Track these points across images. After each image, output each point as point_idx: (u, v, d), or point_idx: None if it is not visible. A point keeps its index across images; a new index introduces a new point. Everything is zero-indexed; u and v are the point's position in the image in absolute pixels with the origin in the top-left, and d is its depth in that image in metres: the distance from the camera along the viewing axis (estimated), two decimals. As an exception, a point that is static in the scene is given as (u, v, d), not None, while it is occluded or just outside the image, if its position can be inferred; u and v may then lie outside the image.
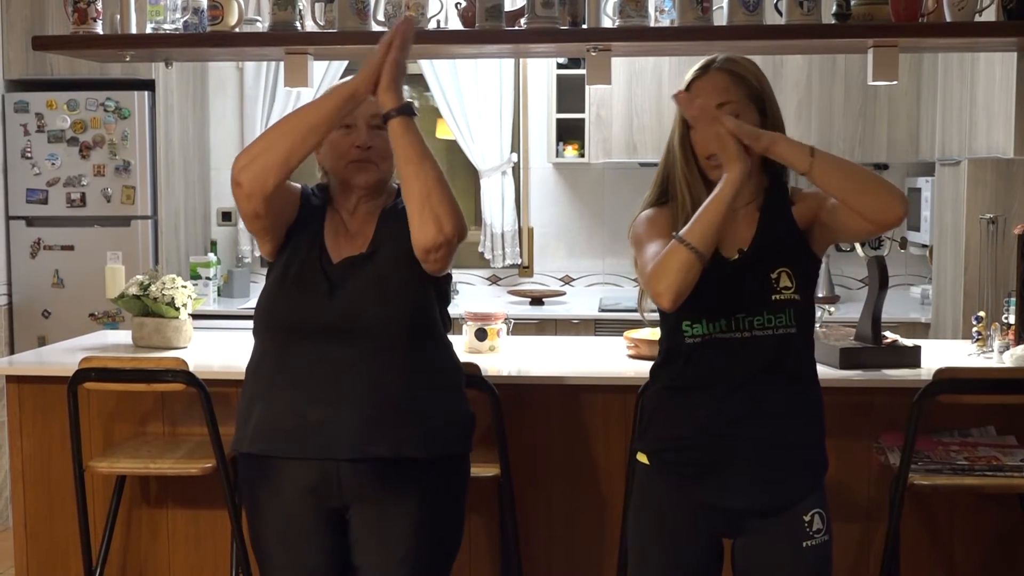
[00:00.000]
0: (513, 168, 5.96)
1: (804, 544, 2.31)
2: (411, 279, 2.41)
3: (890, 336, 3.46)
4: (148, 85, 5.37)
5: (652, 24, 3.13)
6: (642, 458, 2.43)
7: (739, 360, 2.30)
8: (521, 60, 5.80)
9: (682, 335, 2.34)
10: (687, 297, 2.25)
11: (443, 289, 2.52)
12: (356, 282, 2.40)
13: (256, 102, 5.98)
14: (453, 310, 5.29)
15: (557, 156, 5.79)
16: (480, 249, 6.01)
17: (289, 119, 2.35)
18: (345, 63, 5.65)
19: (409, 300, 2.41)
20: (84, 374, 3.19)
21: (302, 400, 2.38)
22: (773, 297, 2.29)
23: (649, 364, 2.51)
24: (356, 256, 2.44)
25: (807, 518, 2.31)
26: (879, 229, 2.26)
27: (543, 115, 5.88)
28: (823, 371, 3.23)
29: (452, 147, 6.05)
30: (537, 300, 5.72)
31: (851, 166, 2.25)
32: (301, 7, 3.21)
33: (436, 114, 5.99)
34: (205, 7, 3.23)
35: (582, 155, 5.69)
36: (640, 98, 5.43)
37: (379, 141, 2.46)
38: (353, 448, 2.36)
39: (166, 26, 3.22)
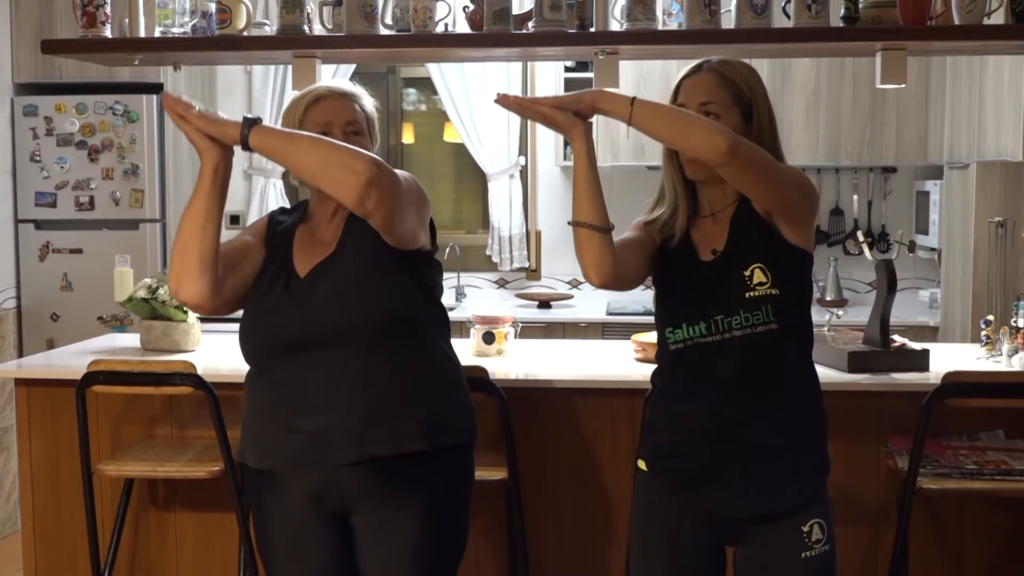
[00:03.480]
0: (521, 171, 5.97)
1: (803, 555, 2.28)
2: (381, 274, 2.39)
3: (898, 340, 3.46)
4: (156, 88, 5.38)
5: (660, 27, 3.12)
6: (642, 464, 2.42)
7: (723, 363, 2.28)
8: (529, 63, 5.80)
9: (666, 342, 2.35)
10: (667, 303, 2.35)
11: (425, 280, 2.47)
12: (324, 287, 2.39)
13: (264, 105, 5.99)
14: (460, 313, 5.32)
15: (565, 159, 5.79)
16: (488, 252, 6.02)
17: (181, 224, 2.37)
18: (352, 66, 5.66)
19: (382, 296, 2.38)
20: (92, 377, 3.20)
21: (294, 414, 2.38)
22: (747, 295, 2.27)
23: (657, 368, 2.51)
24: (323, 260, 2.43)
25: (806, 528, 2.29)
26: (721, 168, 2.20)
27: (551, 118, 5.88)
28: (832, 375, 3.25)
29: (460, 150, 6.05)
30: (545, 303, 5.72)
31: (670, 111, 2.25)
32: (309, 11, 3.22)
33: (444, 117, 5.99)
34: (213, 11, 3.24)
35: (590, 158, 5.68)
36: (648, 101, 5.42)
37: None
38: (351, 452, 2.35)
39: (174, 30, 3.22)
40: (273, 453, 2.41)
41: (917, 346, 3.44)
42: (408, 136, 6.25)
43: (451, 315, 2.58)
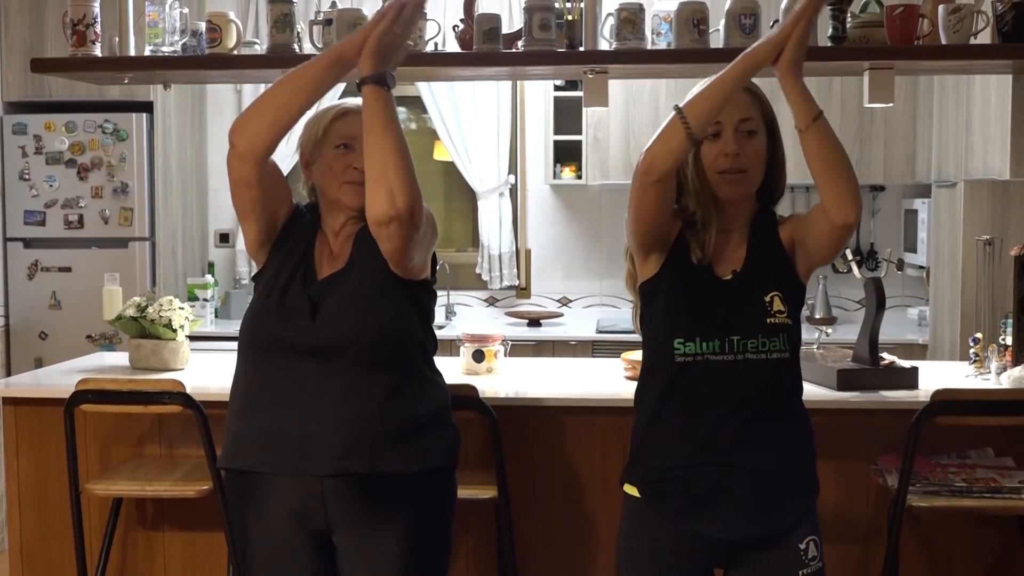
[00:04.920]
0: (511, 190, 5.98)
1: (800, 572, 2.29)
2: (385, 296, 2.41)
3: (887, 357, 3.46)
4: (146, 107, 5.38)
5: (648, 47, 3.14)
6: (631, 490, 2.38)
7: (730, 384, 2.27)
8: (518, 82, 5.82)
9: (672, 353, 2.30)
10: (683, 315, 2.29)
11: (423, 306, 2.50)
12: (334, 301, 2.41)
13: (254, 124, 5.98)
14: (450, 332, 5.31)
15: (554, 178, 5.80)
16: (477, 271, 6.02)
17: (280, 81, 2.36)
18: (343, 85, 5.66)
19: (384, 317, 2.39)
20: (81, 396, 3.19)
21: (282, 417, 2.38)
22: (768, 320, 2.28)
23: (647, 386, 2.49)
24: (334, 274, 2.45)
25: (802, 545, 2.30)
26: (833, 228, 2.24)
27: (540, 137, 5.90)
28: (821, 393, 3.25)
29: (450, 168, 6.06)
30: (535, 321, 5.72)
31: (839, 147, 2.25)
32: (299, 30, 3.23)
33: (434, 136, 6.00)
34: (203, 30, 3.24)
35: (579, 177, 5.70)
36: (637, 120, 5.45)
37: None
38: (331, 464, 2.35)
39: (165, 48, 3.23)
40: (252, 452, 2.41)
41: (906, 364, 3.45)
42: (398, 155, 6.24)
43: (441, 333, 2.59)
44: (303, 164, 2.55)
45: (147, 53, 3.25)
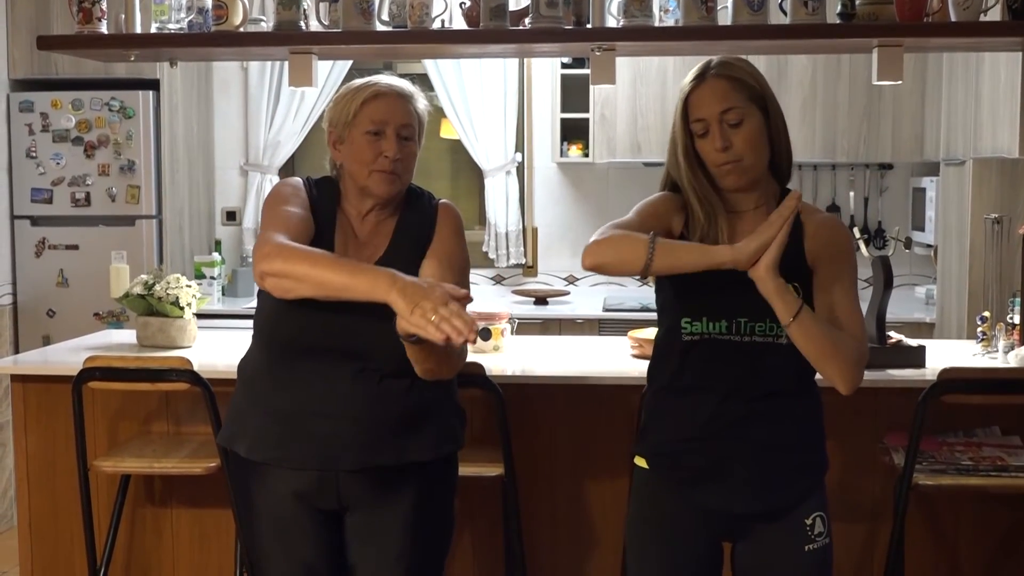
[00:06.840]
0: (517, 168, 5.97)
1: (806, 548, 2.30)
2: None
3: (895, 336, 3.46)
4: (153, 85, 5.38)
5: (656, 24, 3.12)
6: (640, 462, 2.40)
7: (737, 363, 2.28)
8: (525, 60, 5.80)
9: (680, 332, 2.31)
10: (691, 296, 2.29)
11: None
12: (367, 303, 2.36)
13: (260, 102, 5.99)
14: (457, 310, 5.29)
15: (561, 156, 5.79)
16: (484, 249, 6.01)
17: (334, 269, 2.21)
18: (349, 63, 5.66)
19: None
20: (89, 373, 3.20)
21: (304, 413, 2.38)
22: None
23: (653, 364, 2.49)
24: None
25: (809, 521, 2.31)
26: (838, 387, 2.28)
27: (547, 115, 5.88)
28: (827, 371, 3.24)
29: (456, 147, 6.05)
30: (541, 300, 5.72)
31: (824, 335, 2.22)
32: (305, 7, 3.21)
33: (440, 114, 5.98)
34: (210, 7, 3.23)
35: (586, 155, 5.69)
36: (644, 98, 5.43)
37: (406, 153, 2.44)
38: (356, 459, 2.38)
39: (171, 26, 3.21)
40: (270, 448, 2.41)
41: (913, 342, 3.44)
42: (405, 132, 6.22)
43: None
44: (331, 142, 2.49)
45: (153, 30, 3.24)
